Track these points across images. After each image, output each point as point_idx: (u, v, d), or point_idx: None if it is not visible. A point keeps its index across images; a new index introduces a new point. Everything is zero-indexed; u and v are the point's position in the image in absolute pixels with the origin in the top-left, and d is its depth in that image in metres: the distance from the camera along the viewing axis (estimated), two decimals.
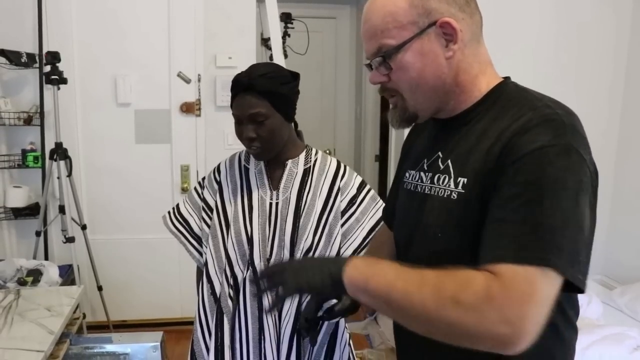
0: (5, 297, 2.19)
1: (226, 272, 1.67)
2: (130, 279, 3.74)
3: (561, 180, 0.90)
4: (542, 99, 1.03)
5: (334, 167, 1.72)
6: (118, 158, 3.68)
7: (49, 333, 1.90)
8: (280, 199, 1.67)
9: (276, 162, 1.69)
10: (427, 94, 1.07)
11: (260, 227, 1.65)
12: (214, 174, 1.79)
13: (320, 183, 1.68)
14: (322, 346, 1.69)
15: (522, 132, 0.94)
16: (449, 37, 1.03)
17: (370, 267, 0.99)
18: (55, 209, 3.40)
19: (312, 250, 1.63)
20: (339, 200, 1.68)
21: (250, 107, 1.54)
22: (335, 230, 1.66)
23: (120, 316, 3.70)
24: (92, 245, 3.41)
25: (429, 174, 1.14)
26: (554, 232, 0.88)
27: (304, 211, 1.65)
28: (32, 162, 3.48)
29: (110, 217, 3.72)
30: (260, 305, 1.64)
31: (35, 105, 3.49)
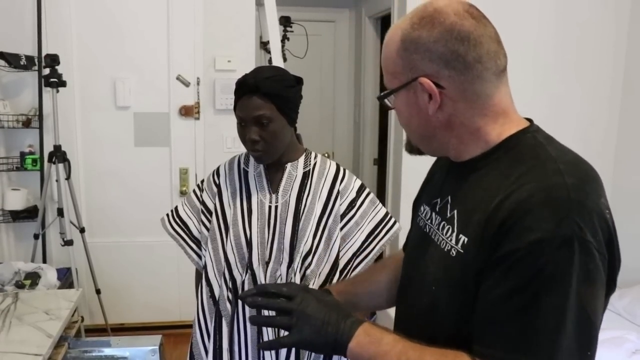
0: (3, 301, 2.18)
1: (225, 275, 1.67)
2: (129, 282, 3.74)
3: (560, 276, 0.85)
4: (557, 158, 0.94)
5: (334, 171, 1.72)
6: (117, 161, 3.68)
7: (47, 337, 1.89)
8: (279, 202, 1.67)
9: (276, 166, 1.69)
10: (417, 139, 1.09)
11: (259, 230, 1.65)
12: (214, 177, 1.79)
13: (319, 186, 1.68)
14: None
15: (523, 212, 0.88)
16: (430, 94, 0.99)
17: (373, 346, 0.98)
18: (54, 212, 3.39)
19: (312, 254, 1.63)
20: (339, 204, 1.68)
21: (255, 109, 1.55)
22: (335, 234, 1.66)
23: (118, 319, 3.69)
24: (90, 249, 3.41)
25: (438, 217, 1.10)
26: (559, 333, 0.85)
27: (304, 214, 1.65)
28: (31, 164, 3.48)
29: (108, 220, 3.72)
30: (258, 309, 1.62)
31: (34, 107, 3.49)
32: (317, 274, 1.64)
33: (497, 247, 0.89)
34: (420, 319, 1.09)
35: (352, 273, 1.70)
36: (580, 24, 3.52)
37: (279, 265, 1.64)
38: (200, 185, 1.83)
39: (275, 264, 1.64)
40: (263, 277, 1.63)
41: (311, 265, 1.63)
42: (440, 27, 0.96)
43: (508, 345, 0.87)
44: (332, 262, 1.66)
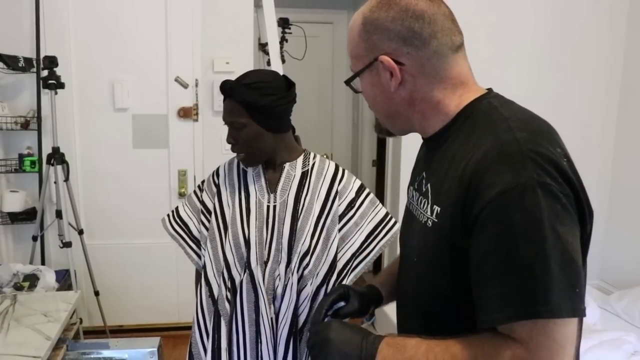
0: (2, 303, 2.18)
1: (224, 275, 1.67)
2: (127, 284, 3.73)
3: (532, 221, 0.87)
4: (508, 118, 0.98)
5: (332, 171, 1.73)
6: (115, 163, 3.68)
7: (45, 339, 1.89)
8: (277, 201, 1.67)
9: (273, 166, 1.70)
10: (383, 118, 1.13)
11: (258, 230, 1.65)
12: (213, 177, 1.80)
13: (318, 186, 1.68)
14: None
15: (481, 172, 0.91)
16: (391, 71, 1.05)
17: (399, 354, 1.01)
18: (52, 214, 3.38)
19: (310, 254, 1.63)
20: (337, 204, 1.68)
21: (229, 113, 1.60)
22: (333, 234, 1.66)
23: (117, 321, 3.69)
24: (89, 250, 3.40)
25: (417, 193, 1.16)
26: (536, 278, 0.86)
27: (302, 214, 1.65)
28: (29, 166, 3.47)
29: (107, 222, 3.71)
30: (257, 309, 1.64)
31: (33, 109, 3.49)
32: (315, 274, 1.64)
33: (467, 215, 0.93)
34: (411, 293, 1.14)
35: (350, 274, 1.69)
36: (579, 24, 3.54)
37: (277, 264, 1.63)
38: (200, 186, 1.84)
39: (274, 264, 1.63)
40: (261, 277, 1.63)
41: (309, 265, 1.63)
42: (396, 7, 1.02)
43: (504, 304, 0.88)
44: (330, 263, 1.65)
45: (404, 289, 1.20)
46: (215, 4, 3.66)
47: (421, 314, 1.07)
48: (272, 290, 1.63)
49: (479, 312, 0.92)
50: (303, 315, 1.65)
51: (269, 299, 1.63)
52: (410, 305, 1.13)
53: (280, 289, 1.63)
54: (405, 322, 1.19)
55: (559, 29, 3.54)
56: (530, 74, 3.53)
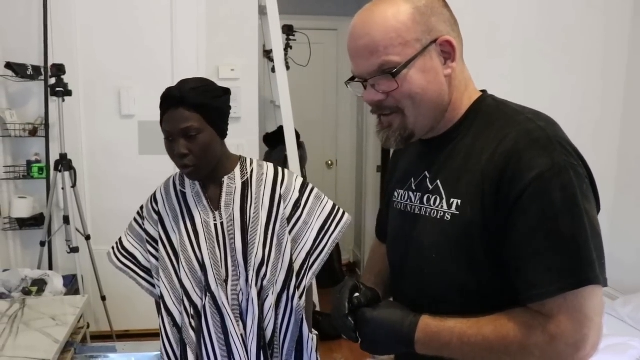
0: (11, 307, 2.21)
1: (184, 302, 1.62)
2: (133, 290, 3.67)
3: (568, 199, 0.93)
4: (522, 111, 1.05)
5: (272, 175, 1.68)
6: (122, 169, 3.71)
7: (54, 342, 1.92)
8: (224, 218, 1.62)
9: (212, 181, 1.65)
10: (428, 111, 1.07)
11: (210, 251, 1.61)
12: (152, 204, 1.73)
13: (260, 194, 1.64)
14: (290, 352, 1.67)
15: (516, 158, 0.97)
16: (447, 55, 1.05)
17: (435, 342, 1.04)
18: (60, 220, 3.42)
19: (265, 264, 1.59)
20: (282, 208, 1.64)
21: (182, 121, 1.51)
22: (284, 239, 1.62)
23: (123, 326, 3.71)
24: (96, 256, 3.42)
25: (417, 194, 1.15)
26: (580, 250, 0.92)
27: (250, 226, 1.61)
28: (37, 173, 3.51)
29: (114, 227, 3.70)
30: (224, 329, 1.60)
31: (41, 117, 3.52)
32: (273, 282, 1.60)
33: (504, 198, 0.97)
34: (427, 291, 1.13)
35: (309, 273, 1.66)
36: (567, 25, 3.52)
37: (237, 280, 1.60)
38: (140, 213, 1.77)
39: (234, 280, 1.60)
40: (224, 296, 1.59)
41: (267, 275, 1.59)
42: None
43: (554, 277, 0.93)
44: (287, 268, 1.61)
45: (412, 291, 1.18)
46: (220, 11, 3.69)
47: (439, 310, 1.07)
48: (237, 307, 1.60)
49: (524, 289, 0.97)
50: (270, 327, 1.61)
51: (235, 316, 1.59)
52: (423, 303, 1.11)
53: (245, 304, 1.60)
54: None
55: (552, 31, 3.51)
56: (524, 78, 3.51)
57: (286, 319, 1.64)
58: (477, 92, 1.14)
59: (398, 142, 1.11)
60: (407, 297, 1.21)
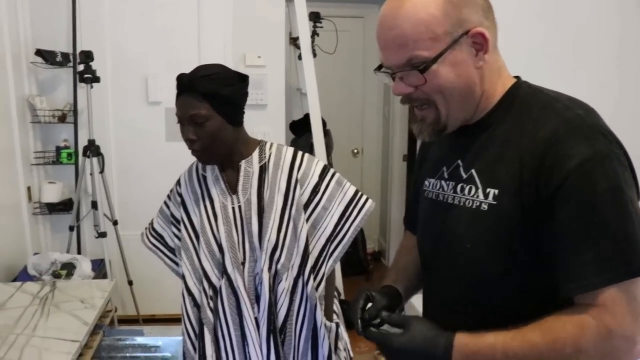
0: (42, 289, 2.25)
1: (203, 283, 1.65)
2: (160, 275, 3.74)
3: (612, 188, 0.91)
4: (559, 98, 1.02)
5: (289, 159, 1.66)
6: (149, 155, 3.74)
7: (83, 324, 1.95)
8: (241, 201, 1.64)
9: (230, 165, 1.66)
10: (460, 104, 1.05)
11: (227, 233, 1.63)
12: (176, 187, 1.78)
13: (277, 178, 1.63)
14: (307, 340, 1.67)
15: (555, 147, 0.94)
16: (478, 46, 1.01)
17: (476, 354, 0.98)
18: (88, 205, 3.47)
19: (279, 248, 1.59)
20: (299, 193, 1.62)
21: (190, 108, 1.52)
22: (300, 224, 1.61)
23: (149, 310, 3.75)
24: (123, 241, 3.47)
25: (450, 183, 1.13)
26: (629, 238, 0.90)
27: (266, 209, 1.61)
28: (66, 158, 3.56)
29: (141, 213, 3.74)
30: (239, 311, 1.62)
31: (69, 103, 3.57)
32: (288, 267, 1.60)
33: (544, 187, 0.94)
34: (459, 282, 1.10)
35: (329, 260, 1.64)
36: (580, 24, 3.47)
37: (254, 263, 1.61)
38: (169, 195, 1.83)
39: (251, 263, 1.61)
40: (240, 279, 1.61)
41: (280, 259, 1.60)
42: None
43: (600, 267, 0.90)
44: (302, 253, 1.60)
45: (444, 282, 1.16)
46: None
47: (472, 301, 1.05)
48: (253, 290, 1.62)
49: (567, 281, 0.93)
50: (282, 312, 1.61)
51: (250, 299, 1.61)
52: (455, 294, 1.10)
53: (259, 287, 1.61)
54: (447, 313, 1.13)
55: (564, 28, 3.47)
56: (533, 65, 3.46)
57: (303, 305, 1.63)
58: (511, 78, 1.11)
59: (431, 135, 1.09)
60: (437, 287, 1.19)
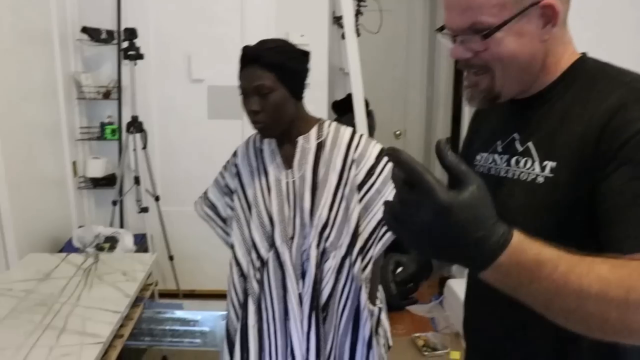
0: (86, 261, 2.30)
1: (252, 254, 1.68)
2: (200, 251, 3.83)
3: None
4: (628, 73, 0.98)
5: (347, 139, 1.66)
6: (191, 132, 3.78)
7: (125, 296, 1.98)
8: (295, 177, 1.65)
9: (288, 141, 1.67)
10: (518, 74, 1.01)
11: (279, 207, 1.64)
12: (232, 158, 1.80)
13: (333, 156, 1.64)
14: (349, 321, 1.68)
15: (621, 111, 0.90)
16: (547, 18, 0.97)
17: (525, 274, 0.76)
18: (131, 180, 3.52)
19: (329, 226, 1.60)
20: (354, 174, 1.62)
21: (255, 79, 1.53)
22: (352, 204, 1.61)
23: (189, 286, 3.81)
24: (164, 216, 3.51)
25: (504, 156, 1.10)
26: None
27: (320, 187, 1.62)
28: (110, 134, 3.62)
29: (182, 189, 3.81)
30: (284, 286, 1.64)
31: (114, 80, 3.62)
32: (337, 246, 1.61)
33: (604, 153, 0.90)
34: None
35: (378, 243, 1.65)
36: None
37: (303, 240, 1.62)
38: (225, 165, 1.85)
39: (300, 239, 1.62)
40: (287, 254, 1.62)
41: (330, 237, 1.61)
42: None
43: None
44: (351, 234, 1.61)
45: None
46: None
47: None
48: (300, 266, 1.63)
49: (625, 238, 0.87)
50: (327, 290, 1.63)
51: (296, 275, 1.62)
52: None
53: (306, 264, 1.62)
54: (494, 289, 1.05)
55: None
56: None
57: (347, 285, 1.64)
58: (576, 54, 1.06)
59: (482, 102, 1.06)
60: None
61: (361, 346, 1.68)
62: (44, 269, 2.21)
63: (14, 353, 1.59)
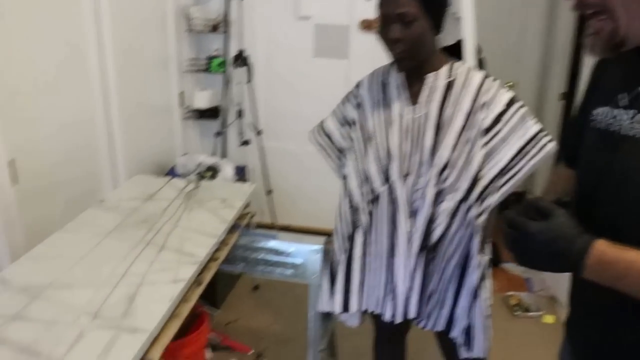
0: (187, 185, 2.35)
1: (365, 186, 1.68)
2: (299, 187, 3.88)
3: None
4: None
5: (478, 81, 1.60)
6: (296, 69, 3.75)
7: (222, 222, 2.01)
8: (420, 113, 1.60)
9: (416, 76, 1.62)
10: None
11: (399, 142, 1.62)
12: (355, 90, 1.79)
13: (462, 97, 1.58)
14: (457, 267, 1.65)
15: None
16: None
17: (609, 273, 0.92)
18: (234, 113, 3.57)
19: (450, 167, 1.55)
20: (482, 117, 1.56)
21: (400, 5, 1.48)
22: (475, 148, 1.56)
23: (285, 221, 3.85)
24: (265, 150, 3.55)
25: (628, 112, 1.00)
26: None
27: (444, 126, 1.56)
28: (216, 67, 3.66)
29: (284, 125, 3.84)
30: (394, 222, 1.63)
31: (222, 13, 3.63)
32: (455, 188, 1.57)
33: None
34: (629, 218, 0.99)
35: (497, 193, 1.59)
36: None
37: (418, 178, 1.60)
38: (347, 97, 1.83)
39: (415, 177, 1.60)
40: (401, 190, 1.61)
41: (448, 178, 1.56)
42: None
43: None
44: (472, 178, 1.56)
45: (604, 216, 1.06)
46: None
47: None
48: (411, 204, 1.60)
49: None
50: (438, 231, 1.61)
51: (407, 212, 1.61)
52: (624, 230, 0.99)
53: (419, 202, 1.59)
54: None
55: None
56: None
57: (460, 230, 1.61)
58: None
59: (604, 51, 0.97)
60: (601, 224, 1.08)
61: (466, 295, 1.66)
62: (149, 190, 2.29)
63: (120, 262, 1.66)
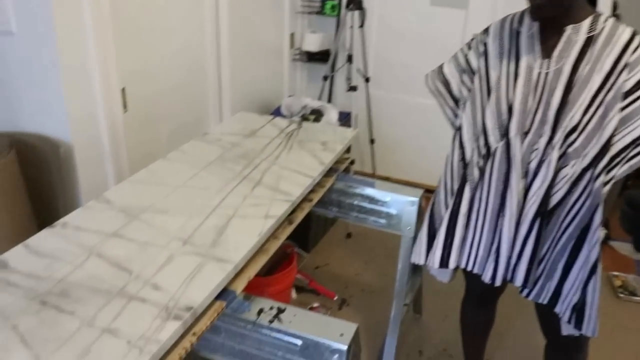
0: (289, 126, 2.36)
1: (479, 140, 1.59)
2: (402, 139, 3.80)
3: None
4: None
5: (626, 38, 1.41)
6: (411, 18, 3.61)
7: (320, 164, 2.00)
8: (551, 68, 1.46)
9: (554, 27, 1.47)
10: None
11: (523, 97, 1.49)
12: (482, 36, 1.65)
13: (603, 55, 1.41)
14: (573, 236, 1.51)
15: None
16: None
17: None
18: (344, 58, 3.52)
19: (578, 131, 1.42)
20: (624, 79, 1.40)
21: None
22: (612, 112, 1.41)
23: (385, 172, 3.82)
24: (372, 98, 3.49)
25: None
26: None
27: (577, 85, 1.42)
28: (330, 10, 3.61)
29: (393, 74, 3.74)
30: (506, 180, 1.52)
31: None
32: (581, 154, 1.43)
33: None
34: None
35: (625, 164, 1.44)
36: None
37: (538, 137, 1.48)
38: (469, 44, 1.70)
39: (535, 136, 1.48)
40: (518, 148, 1.50)
41: (575, 143, 1.43)
42: None
43: None
44: (602, 145, 1.42)
45: None
46: None
47: None
48: (526, 164, 1.49)
49: None
50: (557, 196, 1.49)
51: (520, 172, 1.50)
52: None
53: (535, 164, 1.48)
54: None
55: None
56: None
57: (581, 199, 1.48)
58: None
59: None
60: None
61: (582, 269, 1.51)
62: (251, 126, 2.31)
63: (214, 194, 1.70)
